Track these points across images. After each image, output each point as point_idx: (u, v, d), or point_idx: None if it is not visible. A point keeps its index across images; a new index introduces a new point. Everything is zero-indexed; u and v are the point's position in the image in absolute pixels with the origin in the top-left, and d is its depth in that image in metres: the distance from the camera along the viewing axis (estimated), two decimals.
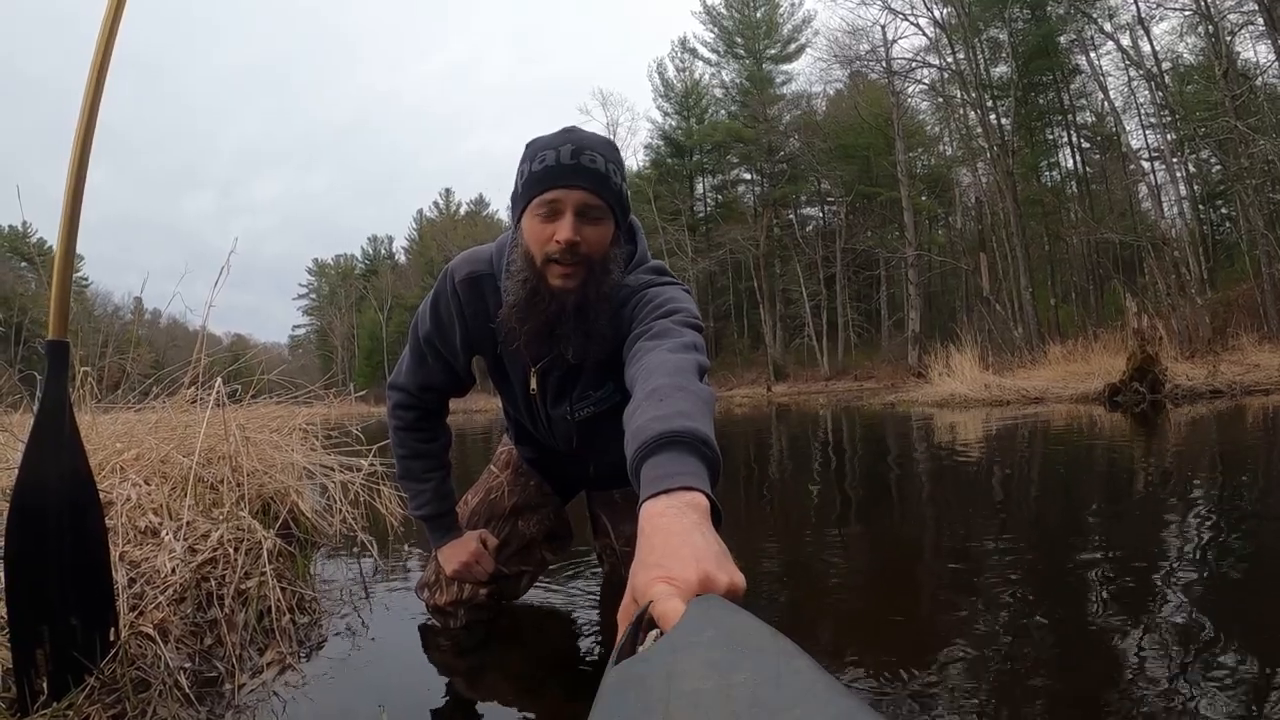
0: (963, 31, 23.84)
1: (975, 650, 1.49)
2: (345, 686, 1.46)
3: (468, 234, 46.18)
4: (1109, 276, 23.58)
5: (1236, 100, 16.73)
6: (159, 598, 1.49)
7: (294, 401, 3.32)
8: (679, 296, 1.32)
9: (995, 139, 22.91)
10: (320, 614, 1.91)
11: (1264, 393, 8.62)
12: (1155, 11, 20.59)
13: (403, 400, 1.65)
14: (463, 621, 1.75)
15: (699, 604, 0.53)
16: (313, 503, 2.77)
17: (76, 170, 1.26)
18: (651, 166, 39.90)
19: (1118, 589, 1.85)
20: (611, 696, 0.43)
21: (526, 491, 1.85)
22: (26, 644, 1.14)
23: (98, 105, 1.29)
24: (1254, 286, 16.89)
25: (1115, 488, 3.58)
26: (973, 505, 3.31)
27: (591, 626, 1.82)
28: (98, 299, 46.99)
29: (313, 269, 66.13)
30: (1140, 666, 1.35)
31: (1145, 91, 23.29)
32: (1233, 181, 18.73)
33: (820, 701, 0.36)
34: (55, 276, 1.25)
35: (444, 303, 1.52)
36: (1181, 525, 2.49)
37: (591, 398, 1.53)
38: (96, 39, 1.30)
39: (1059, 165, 29.16)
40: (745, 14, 37.78)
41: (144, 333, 24.37)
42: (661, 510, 0.69)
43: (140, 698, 1.24)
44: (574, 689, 1.45)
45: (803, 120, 34.94)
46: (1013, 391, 11.03)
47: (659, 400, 0.88)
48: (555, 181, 1.29)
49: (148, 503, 1.87)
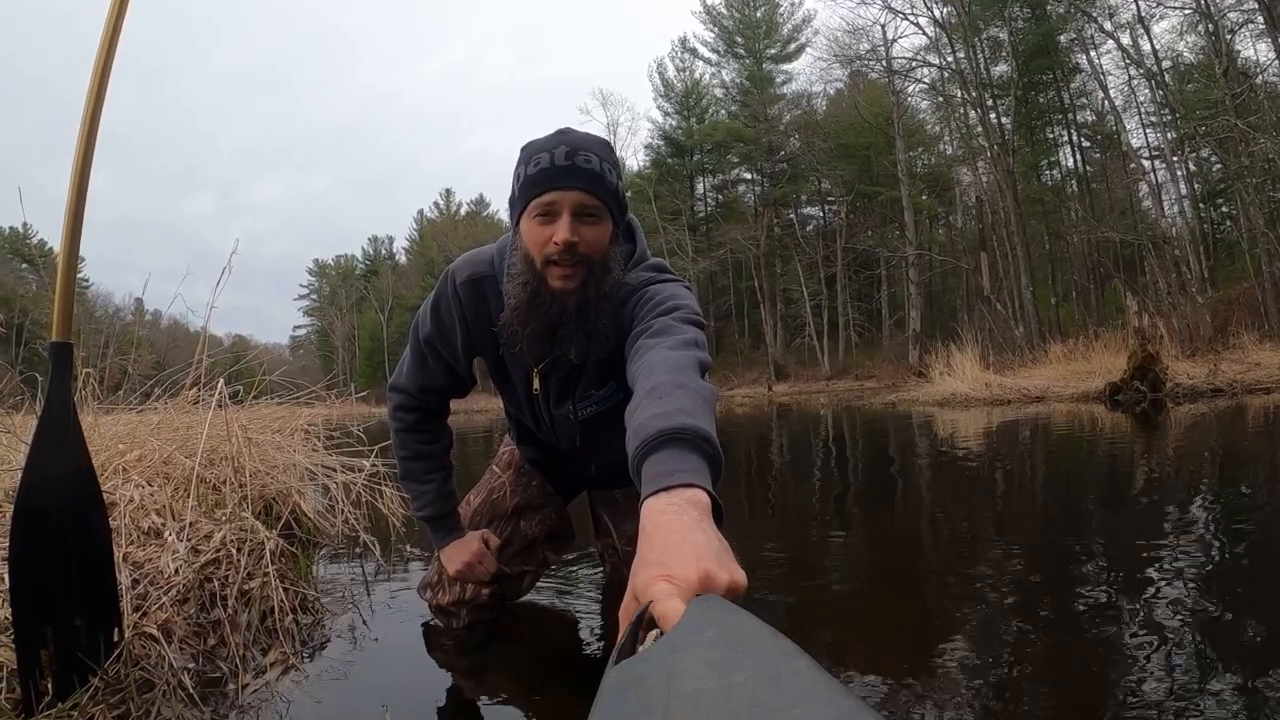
0: (963, 30, 23.82)
1: (976, 650, 1.50)
2: (348, 687, 1.47)
3: (468, 234, 46.19)
4: (1110, 275, 23.57)
5: (1237, 99, 16.71)
6: (162, 598, 1.49)
7: (295, 402, 3.33)
8: (680, 293, 1.33)
9: (995, 138, 22.89)
10: (323, 614, 1.91)
11: (1265, 391, 8.63)
12: (1155, 10, 20.58)
13: (404, 402, 1.65)
14: (465, 621, 1.75)
15: (699, 604, 0.53)
16: (315, 503, 2.77)
17: (80, 173, 1.27)
18: (652, 166, 39.90)
19: (1119, 588, 1.85)
20: (611, 696, 0.43)
21: (529, 491, 1.85)
22: (31, 645, 1.14)
23: (100, 108, 1.30)
24: (1255, 285, 16.87)
25: (1116, 487, 3.59)
26: (973, 504, 3.31)
27: (594, 626, 1.82)
28: (98, 300, 47.03)
29: (313, 269, 66.28)
30: (1142, 666, 1.35)
31: (1145, 90, 23.30)
32: (1233, 180, 18.71)
33: (820, 701, 0.36)
34: (59, 279, 1.25)
35: (445, 305, 1.52)
36: (1182, 525, 2.49)
37: (594, 397, 1.53)
38: (99, 42, 1.30)
39: (1059, 164, 29.14)
40: (745, 14, 37.77)
41: (145, 334, 24.38)
42: (662, 508, 0.69)
43: (144, 698, 1.25)
44: (577, 688, 1.45)
45: (803, 120, 34.90)
46: (1013, 391, 11.04)
47: (659, 398, 0.88)
48: (551, 183, 1.30)
49: (151, 504, 1.88)
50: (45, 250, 45.41)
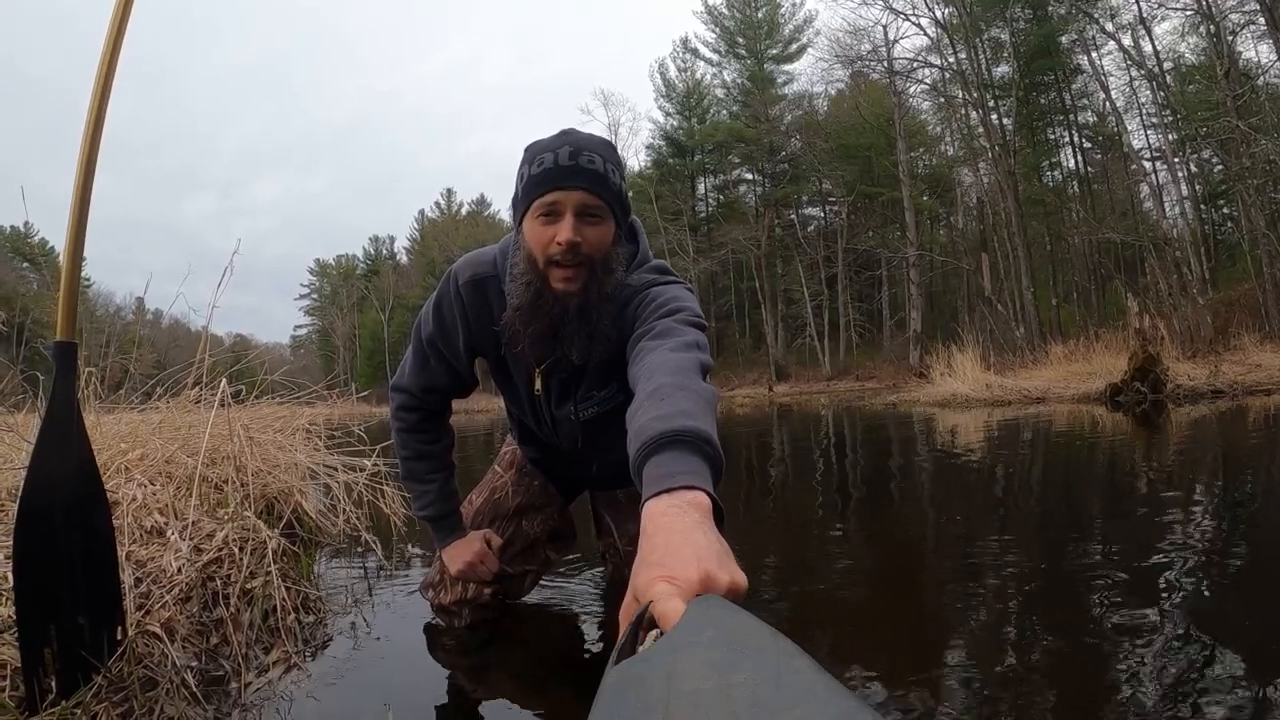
0: (964, 31, 23.80)
1: (976, 651, 1.50)
2: (350, 685, 1.47)
3: (469, 234, 46.24)
4: (1110, 276, 23.56)
5: (1238, 100, 16.71)
6: (165, 597, 1.50)
7: (297, 402, 3.34)
8: (681, 295, 1.33)
9: (997, 139, 22.90)
10: (325, 613, 1.92)
11: (1265, 393, 8.62)
12: (1157, 11, 20.60)
13: (406, 402, 1.66)
14: (467, 621, 1.75)
15: (699, 604, 0.53)
16: (316, 503, 2.78)
17: (84, 174, 1.27)
18: (653, 166, 39.91)
19: (1118, 589, 1.85)
20: (611, 696, 0.43)
21: (530, 491, 1.86)
22: (35, 643, 1.14)
23: (105, 109, 1.30)
24: (1255, 286, 16.86)
25: (1116, 487, 3.59)
26: (973, 505, 3.31)
27: (595, 626, 1.82)
28: (99, 299, 47.04)
29: (314, 269, 66.32)
30: (1141, 667, 1.35)
31: (1147, 91, 23.29)
32: (1234, 181, 18.72)
33: (820, 701, 0.36)
34: (63, 279, 1.26)
35: (447, 305, 1.52)
36: (1182, 526, 2.49)
37: (595, 398, 1.53)
38: (103, 41, 1.30)
39: (1060, 165, 29.18)
40: (747, 14, 37.78)
41: (146, 333, 24.40)
42: (663, 509, 0.69)
43: (147, 696, 1.25)
44: (578, 688, 1.46)
45: (804, 120, 34.92)
46: (1014, 391, 11.03)
47: (661, 399, 0.88)
48: (554, 183, 1.30)
49: (153, 502, 1.88)
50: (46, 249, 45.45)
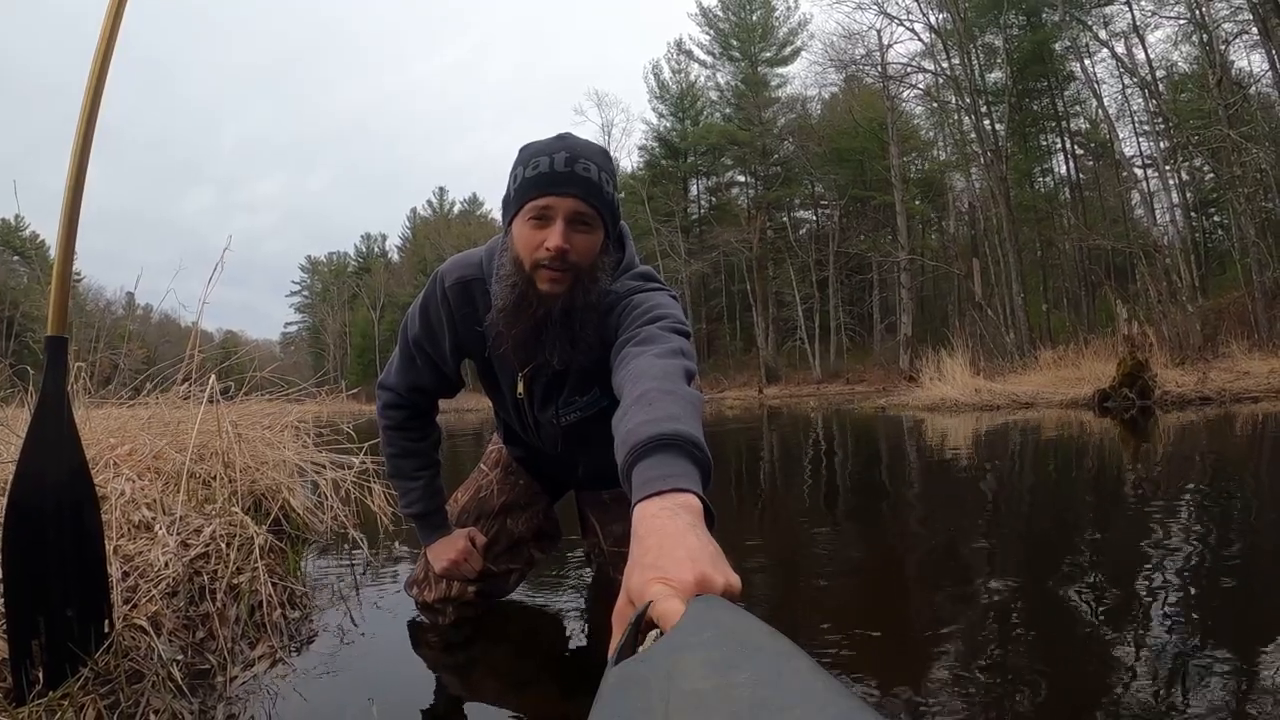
0: (958, 37, 23.86)
1: (967, 652, 1.52)
2: (335, 680, 1.49)
3: (461, 233, 46.13)
4: (1101, 283, 23.65)
5: (1230, 109, 16.82)
6: (152, 591, 1.51)
7: (286, 398, 3.34)
8: (665, 302, 1.33)
9: (989, 144, 22.95)
10: (311, 609, 1.93)
11: (1253, 400, 8.70)
12: (1150, 20, 20.75)
13: (392, 400, 1.66)
14: (451, 618, 1.77)
15: (699, 604, 0.53)
16: (304, 499, 2.78)
17: (76, 169, 1.28)
18: (646, 168, 39.81)
19: (1106, 592, 1.88)
20: (611, 696, 0.43)
21: (516, 490, 1.86)
22: (23, 635, 1.16)
23: (98, 103, 1.31)
24: (1245, 294, 16.96)
25: (1104, 492, 3.62)
26: (962, 509, 3.33)
27: (579, 624, 1.84)
28: (90, 293, 46.73)
29: (306, 266, 66.07)
30: (1130, 668, 1.38)
31: (1139, 99, 23.41)
32: (1225, 189, 18.82)
33: (820, 701, 0.36)
34: (55, 274, 1.27)
35: (434, 307, 1.52)
36: (1169, 530, 2.51)
37: (577, 403, 1.53)
38: (98, 37, 1.31)
39: (1052, 171, 29.32)
40: (741, 17, 37.80)
41: (136, 328, 24.25)
42: (655, 512, 0.69)
43: (134, 689, 1.26)
44: (561, 686, 1.48)
45: (797, 123, 34.91)
46: (1003, 396, 11.09)
47: (648, 404, 0.89)
48: (548, 188, 1.29)
49: (141, 497, 1.89)
50: (37, 243, 45.19)
